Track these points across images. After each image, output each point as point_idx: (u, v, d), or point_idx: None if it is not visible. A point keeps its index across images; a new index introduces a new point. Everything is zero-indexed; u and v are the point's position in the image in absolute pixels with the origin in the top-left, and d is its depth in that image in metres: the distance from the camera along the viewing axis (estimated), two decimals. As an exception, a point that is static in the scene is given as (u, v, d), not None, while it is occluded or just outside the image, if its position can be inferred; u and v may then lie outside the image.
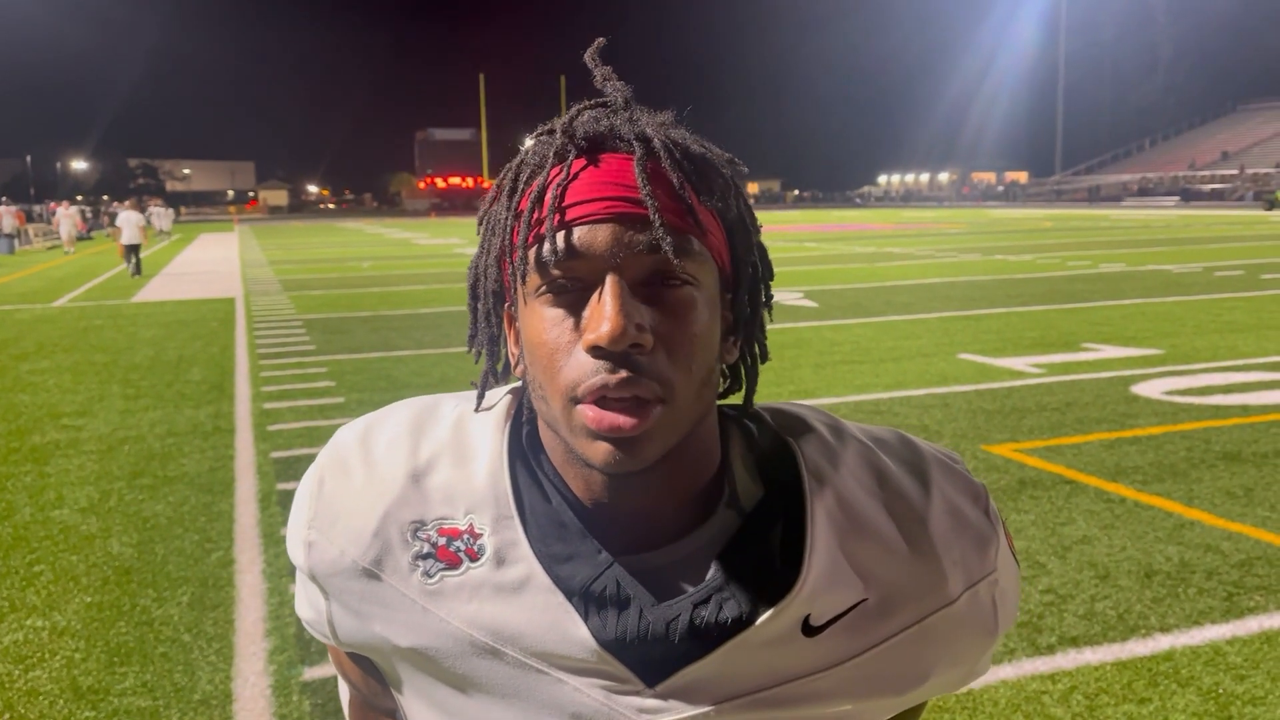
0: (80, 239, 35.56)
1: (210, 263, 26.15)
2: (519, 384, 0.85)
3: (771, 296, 0.85)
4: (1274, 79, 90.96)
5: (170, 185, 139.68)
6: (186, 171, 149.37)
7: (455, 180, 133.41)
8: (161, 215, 25.66)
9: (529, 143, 0.80)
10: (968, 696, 3.14)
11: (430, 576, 0.77)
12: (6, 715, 3.17)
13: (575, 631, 0.75)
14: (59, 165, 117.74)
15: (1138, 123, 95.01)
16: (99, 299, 16.66)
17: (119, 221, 22.11)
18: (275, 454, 6.12)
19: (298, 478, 5.67)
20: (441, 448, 0.81)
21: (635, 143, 0.74)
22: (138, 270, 21.16)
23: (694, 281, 0.73)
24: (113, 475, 5.76)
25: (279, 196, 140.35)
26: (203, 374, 9.03)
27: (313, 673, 3.40)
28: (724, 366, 0.81)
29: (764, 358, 0.85)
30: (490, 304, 0.82)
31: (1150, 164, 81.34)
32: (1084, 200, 72.12)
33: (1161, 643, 3.45)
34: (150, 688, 3.32)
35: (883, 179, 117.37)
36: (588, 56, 0.82)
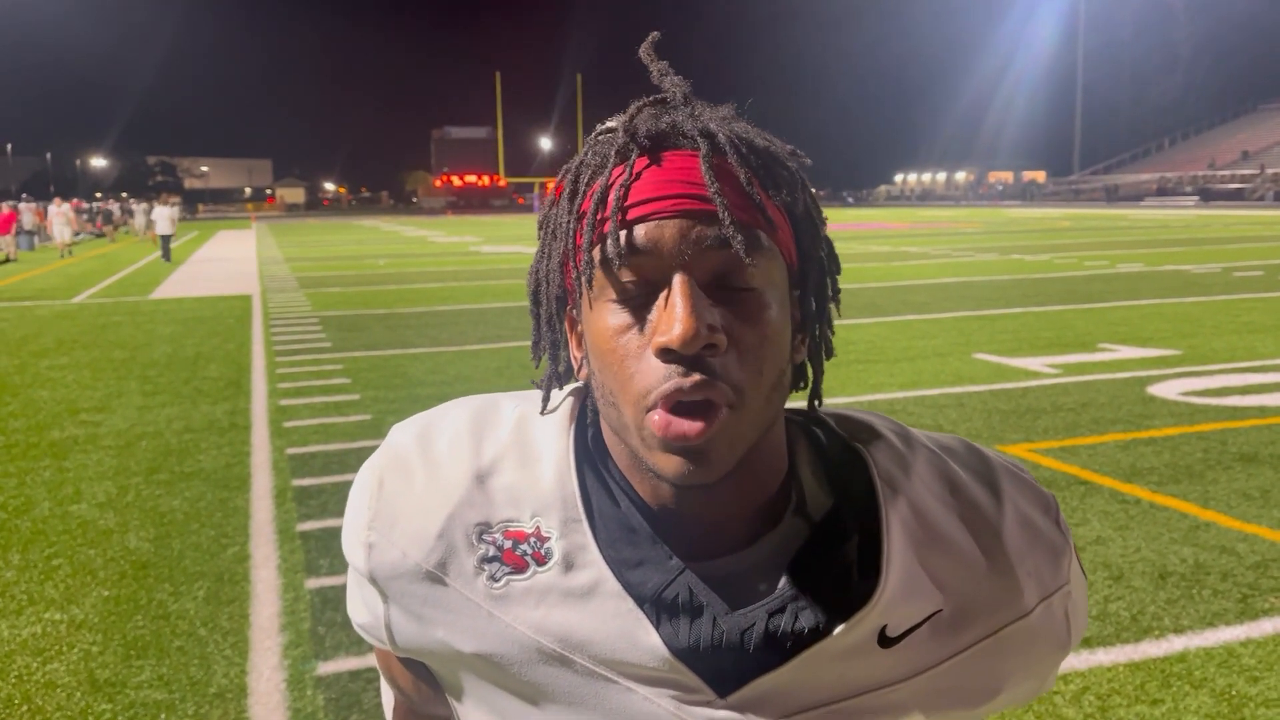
0: (88, 236, 35.63)
1: (228, 260, 26.30)
2: (578, 385, 0.83)
3: (839, 291, 0.82)
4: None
5: (188, 183, 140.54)
6: (204, 169, 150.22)
7: (471, 178, 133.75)
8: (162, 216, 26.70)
9: (583, 144, 0.79)
10: (979, 696, 3.14)
11: (496, 580, 0.76)
12: (25, 707, 3.21)
13: (646, 639, 0.73)
14: (78, 163, 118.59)
15: (1157, 122, 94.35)
16: (118, 296, 16.78)
17: (154, 215, 26.64)
18: (291, 450, 6.15)
19: (313, 474, 5.72)
20: (505, 449, 0.79)
21: (699, 139, 0.72)
22: (167, 257, 25.10)
23: (765, 280, 0.71)
24: (130, 471, 5.81)
25: (296, 194, 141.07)
26: (220, 370, 9.09)
27: (327, 667, 3.43)
28: (796, 361, 0.79)
29: (829, 354, 0.83)
30: (553, 309, 0.80)
31: (1169, 163, 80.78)
32: (1102, 200, 71.69)
33: (1175, 644, 3.44)
34: (166, 681, 3.35)
35: (899, 178, 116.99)
36: (642, 51, 0.79)
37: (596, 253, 0.72)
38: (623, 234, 0.70)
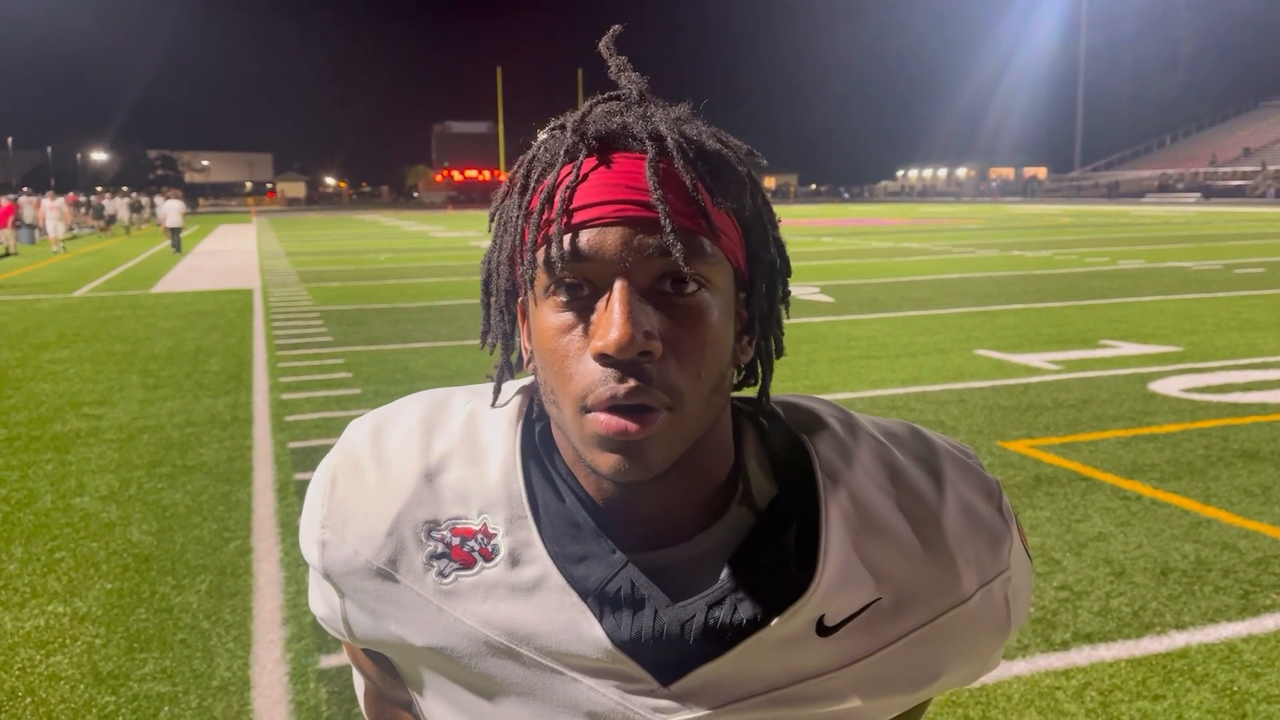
0: (88, 232, 35.42)
1: (228, 254, 26.30)
2: (530, 380, 0.84)
3: (789, 292, 0.83)
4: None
5: (189, 176, 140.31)
6: (205, 163, 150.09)
7: (472, 173, 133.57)
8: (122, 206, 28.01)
9: (542, 136, 0.79)
10: (981, 692, 3.15)
11: (445, 576, 0.77)
12: (29, 699, 3.22)
13: (590, 632, 0.75)
14: (79, 156, 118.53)
15: (1158, 118, 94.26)
16: (119, 289, 16.78)
17: (163, 209, 28.66)
18: (293, 444, 6.16)
19: (315, 468, 5.78)
20: (454, 446, 0.80)
21: (648, 142, 0.72)
22: (177, 248, 26.90)
23: (706, 284, 0.72)
24: (132, 464, 5.82)
25: (296, 188, 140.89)
26: (221, 364, 9.10)
27: (329, 660, 3.44)
28: (736, 368, 0.80)
29: (779, 353, 0.84)
30: (503, 300, 0.81)
31: (1171, 160, 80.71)
32: (1104, 196, 71.64)
33: (1176, 640, 3.45)
34: (169, 674, 3.36)
35: (901, 173, 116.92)
36: (602, 46, 0.80)
37: (541, 254, 0.72)
38: (566, 238, 0.71)
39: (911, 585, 0.78)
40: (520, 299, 0.80)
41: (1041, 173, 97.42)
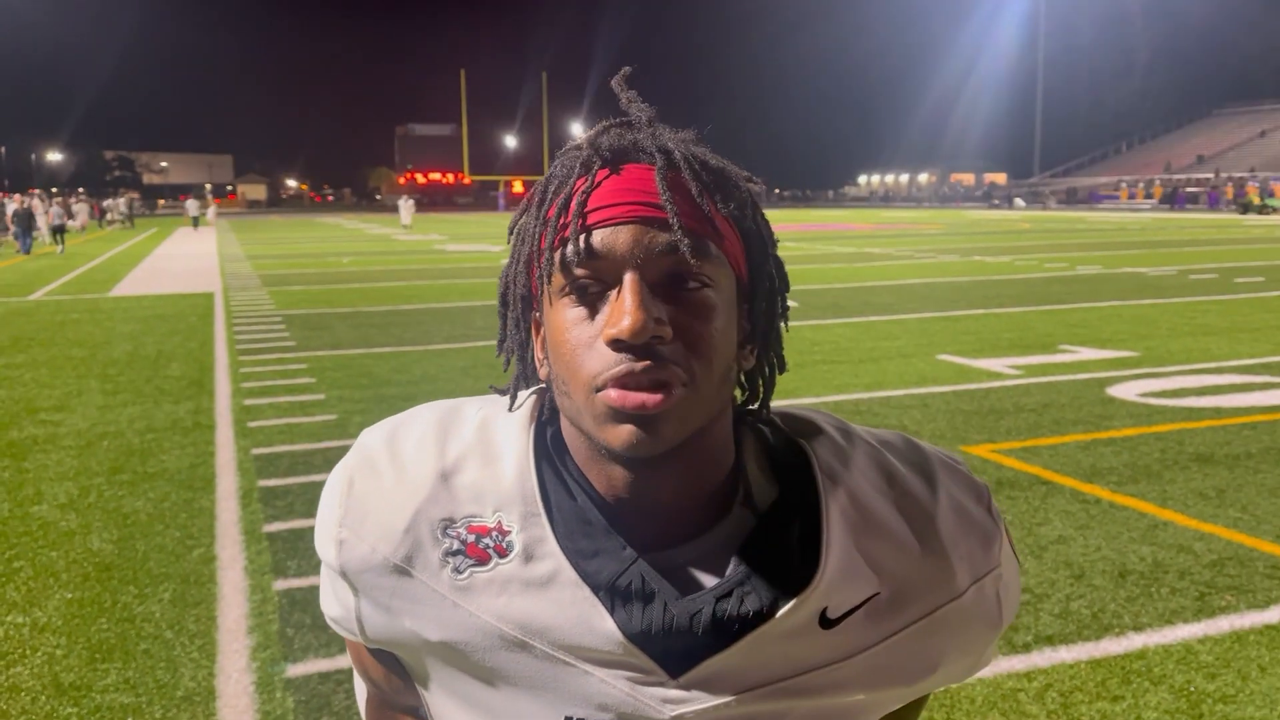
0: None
1: (188, 257, 25.97)
2: (542, 387, 0.88)
3: (788, 308, 0.88)
4: (1249, 84, 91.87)
5: (147, 178, 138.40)
6: (164, 164, 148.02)
7: (436, 176, 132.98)
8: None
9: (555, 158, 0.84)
10: (945, 694, 3.19)
11: (460, 572, 0.80)
12: (-12, 711, 3.17)
13: (602, 625, 0.77)
14: (34, 156, 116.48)
15: (1115, 126, 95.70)
16: (75, 293, 16.52)
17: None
18: (256, 450, 6.10)
19: (278, 474, 5.67)
20: (468, 448, 0.83)
21: (657, 154, 0.78)
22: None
23: (711, 283, 0.76)
24: (92, 471, 5.74)
25: (257, 190, 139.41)
26: (182, 369, 8.99)
27: (296, 669, 3.41)
28: (742, 376, 0.85)
29: (781, 368, 0.88)
30: (519, 310, 0.85)
31: (1127, 167, 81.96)
32: (1063, 202, 72.63)
33: (1135, 641, 3.51)
34: (133, 684, 3.32)
35: (863, 179, 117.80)
36: (614, 83, 0.85)
37: (557, 255, 0.77)
38: (582, 237, 0.76)
39: (909, 580, 0.82)
40: (535, 310, 0.84)
41: (1001, 178, 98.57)
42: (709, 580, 0.79)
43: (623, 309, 0.73)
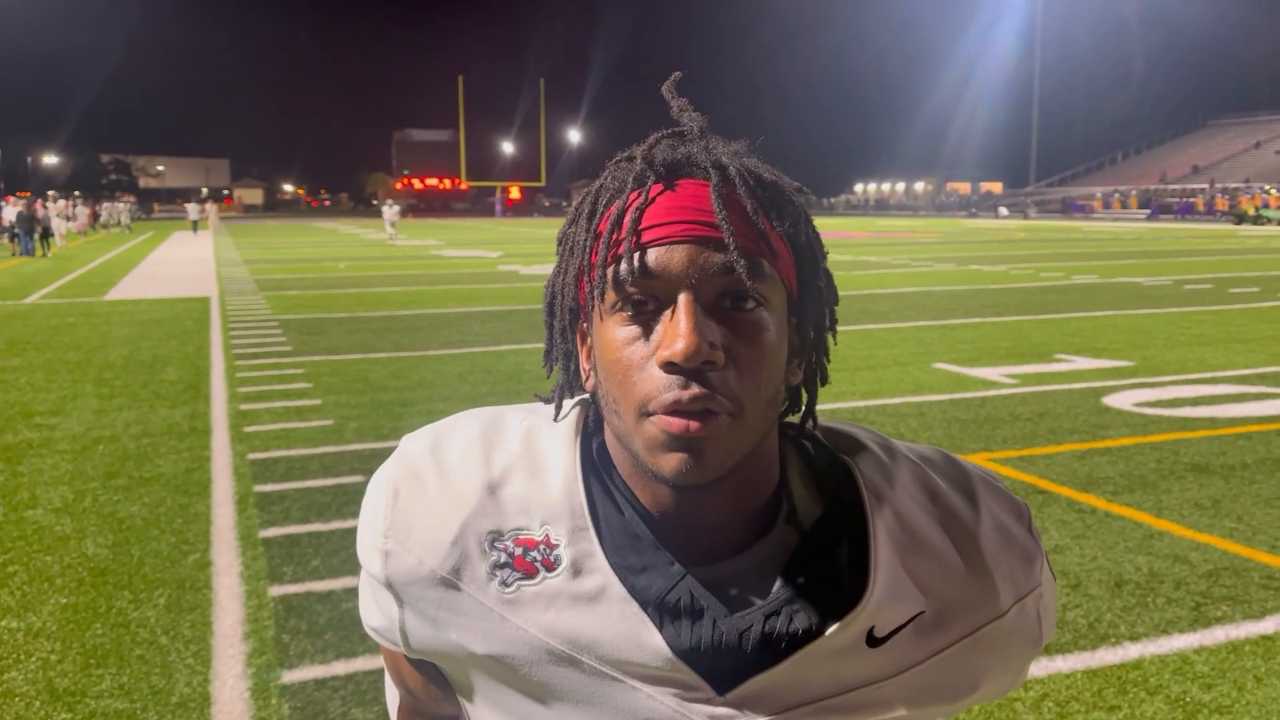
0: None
1: (184, 262, 25.95)
2: (586, 398, 0.88)
3: (836, 320, 0.87)
4: (1245, 94, 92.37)
5: (144, 182, 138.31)
6: (160, 168, 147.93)
7: (433, 181, 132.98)
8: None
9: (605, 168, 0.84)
10: (941, 703, 3.19)
11: (508, 586, 0.79)
12: (-19, 717, 3.16)
13: (650, 640, 0.77)
14: (30, 160, 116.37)
15: (1111, 136, 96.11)
16: (71, 296, 16.50)
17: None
18: (252, 455, 6.09)
19: (275, 479, 5.66)
20: (514, 460, 0.83)
21: (711, 169, 0.77)
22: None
23: (764, 303, 0.76)
24: (87, 475, 5.72)
25: (254, 195, 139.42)
26: (178, 374, 8.98)
27: (291, 676, 3.40)
28: (790, 384, 0.84)
29: (824, 380, 0.88)
30: (566, 321, 0.85)
31: (1122, 177, 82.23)
32: (1058, 211, 72.84)
33: (1131, 651, 3.52)
34: (127, 690, 3.31)
35: (860, 187, 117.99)
36: (665, 89, 0.85)
37: (610, 271, 0.76)
38: (636, 255, 0.75)
39: (953, 599, 0.82)
40: (582, 320, 0.84)
41: (997, 187, 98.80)
42: (753, 597, 0.79)
43: (677, 331, 0.72)
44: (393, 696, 0.98)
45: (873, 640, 0.79)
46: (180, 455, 6.15)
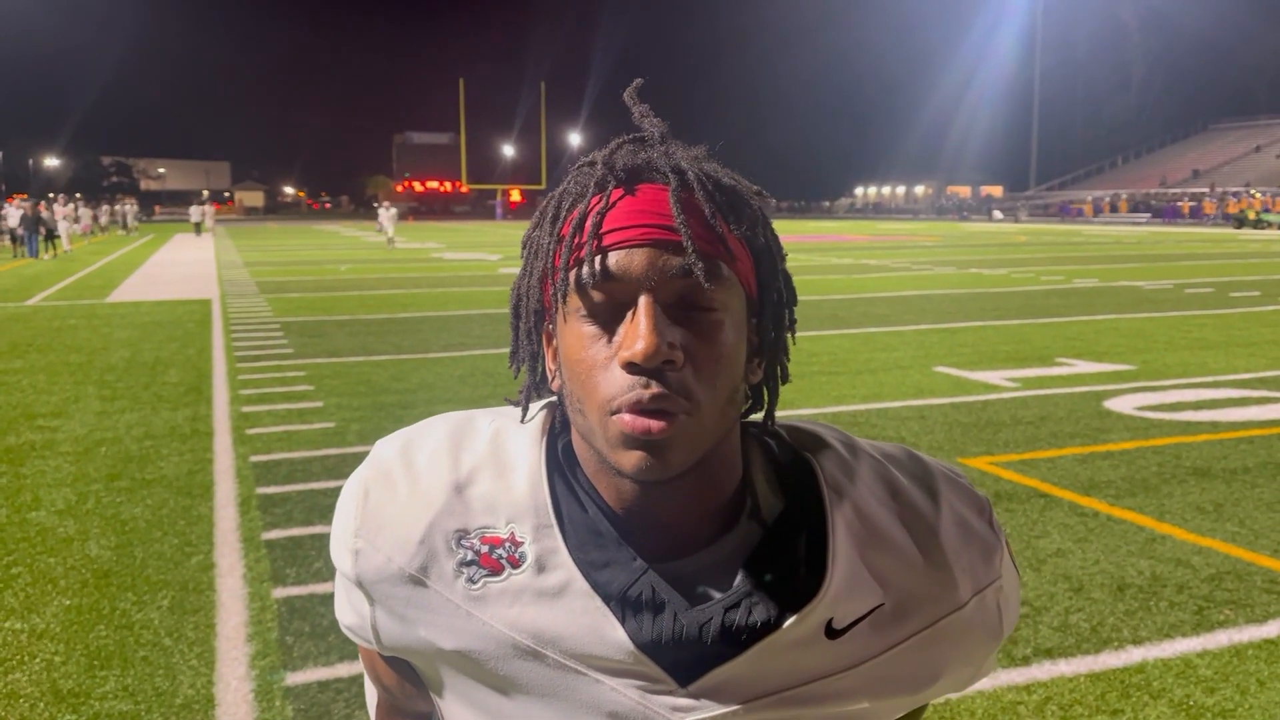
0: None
1: (185, 264, 25.96)
2: (552, 400, 0.90)
3: (795, 321, 0.89)
4: (1245, 99, 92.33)
5: (145, 184, 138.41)
6: (161, 170, 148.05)
7: (433, 184, 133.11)
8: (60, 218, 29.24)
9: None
10: (945, 706, 3.19)
11: (474, 582, 0.82)
12: (-14, 718, 3.16)
13: (613, 634, 0.79)
14: (31, 162, 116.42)
15: (1111, 140, 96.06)
16: (73, 298, 16.51)
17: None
18: (254, 457, 6.10)
19: (277, 481, 5.66)
20: (482, 460, 0.85)
21: (670, 174, 0.79)
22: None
23: (722, 305, 0.78)
24: (90, 477, 5.73)
25: (255, 197, 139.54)
26: (180, 376, 8.98)
27: (295, 678, 3.41)
28: (747, 387, 0.85)
29: (785, 379, 0.90)
30: (531, 322, 0.87)
31: (1122, 180, 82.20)
32: (1057, 215, 72.92)
33: (1134, 655, 3.52)
34: (131, 691, 3.32)
35: (860, 191, 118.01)
36: (626, 96, 0.87)
37: (573, 274, 0.78)
38: (597, 259, 0.77)
39: (912, 592, 0.83)
40: (547, 322, 0.85)
41: (998, 191, 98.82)
42: (717, 591, 0.81)
43: (637, 332, 0.74)
44: (372, 695, 1.00)
45: (832, 632, 0.81)
46: (182, 457, 6.15)
